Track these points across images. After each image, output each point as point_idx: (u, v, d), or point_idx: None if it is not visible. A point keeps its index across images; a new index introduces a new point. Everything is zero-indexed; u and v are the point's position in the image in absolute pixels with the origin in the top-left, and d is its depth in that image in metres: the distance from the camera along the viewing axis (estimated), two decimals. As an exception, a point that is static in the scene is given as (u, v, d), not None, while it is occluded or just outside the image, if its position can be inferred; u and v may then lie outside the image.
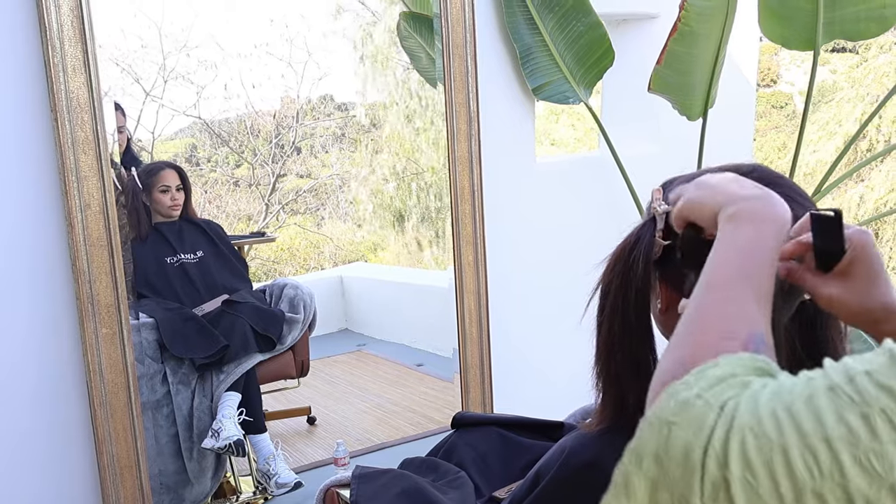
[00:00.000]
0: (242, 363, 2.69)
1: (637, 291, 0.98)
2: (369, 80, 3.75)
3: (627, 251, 1.00)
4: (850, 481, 0.53)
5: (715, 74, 2.43)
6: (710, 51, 2.37)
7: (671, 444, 0.59)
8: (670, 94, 2.48)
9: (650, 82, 2.43)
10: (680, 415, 0.60)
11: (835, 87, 13.03)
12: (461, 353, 2.65)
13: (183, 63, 3.33)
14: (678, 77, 2.41)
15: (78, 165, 1.95)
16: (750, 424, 0.57)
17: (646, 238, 0.99)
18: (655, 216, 0.99)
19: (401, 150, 3.82)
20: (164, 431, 2.53)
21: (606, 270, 1.03)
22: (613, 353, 1.02)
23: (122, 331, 2.06)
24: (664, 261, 0.99)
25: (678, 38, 2.31)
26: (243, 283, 3.01)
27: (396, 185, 4.00)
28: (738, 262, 0.75)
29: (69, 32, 1.89)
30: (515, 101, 2.72)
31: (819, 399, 0.57)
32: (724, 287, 0.74)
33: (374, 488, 1.47)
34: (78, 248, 1.98)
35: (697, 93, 2.47)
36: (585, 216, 2.86)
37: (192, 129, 3.88)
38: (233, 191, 4.31)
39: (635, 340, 1.01)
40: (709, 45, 2.36)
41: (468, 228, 2.58)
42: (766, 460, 0.55)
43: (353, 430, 3.28)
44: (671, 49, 2.34)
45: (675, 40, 2.32)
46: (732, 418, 0.58)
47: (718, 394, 0.61)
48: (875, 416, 0.54)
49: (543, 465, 1.15)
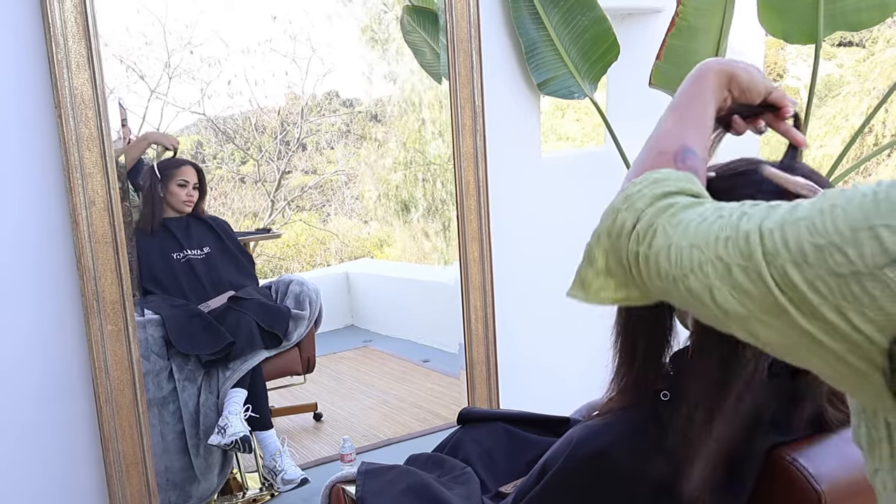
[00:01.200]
0: (248, 360, 2.69)
1: None
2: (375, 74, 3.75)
3: None
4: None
5: None
6: (710, 45, 2.36)
7: (616, 224, 0.82)
8: (672, 88, 2.47)
9: (651, 77, 2.43)
10: (625, 203, 0.82)
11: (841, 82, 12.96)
12: (467, 349, 2.65)
13: (187, 60, 3.33)
14: (679, 71, 2.40)
15: (82, 162, 1.94)
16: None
17: None
18: None
19: (408, 142, 3.82)
20: (171, 428, 2.53)
21: None
22: (631, 336, 1.03)
23: (127, 327, 2.06)
24: None
25: (676, 32, 2.31)
26: (249, 280, 3.01)
27: (403, 176, 4.00)
28: (683, 101, 0.99)
29: (73, 29, 1.89)
30: (520, 96, 2.71)
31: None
32: (667, 120, 0.97)
33: (379, 484, 1.46)
34: (83, 245, 1.97)
35: (700, 87, 2.46)
36: (592, 211, 2.83)
37: (197, 127, 3.88)
38: (238, 187, 4.31)
39: (654, 324, 1.02)
40: (708, 39, 2.35)
41: (473, 224, 2.58)
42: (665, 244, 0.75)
43: (360, 427, 3.27)
44: (670, 44, 2.33)
45: (673, 35, 2.32)
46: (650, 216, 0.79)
47: (653, 189, 0.82)
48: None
49: (550, 456, 1.15)
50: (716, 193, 0.98)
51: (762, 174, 0.99)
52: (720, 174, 1.02)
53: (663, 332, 1.04)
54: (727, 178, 1.01)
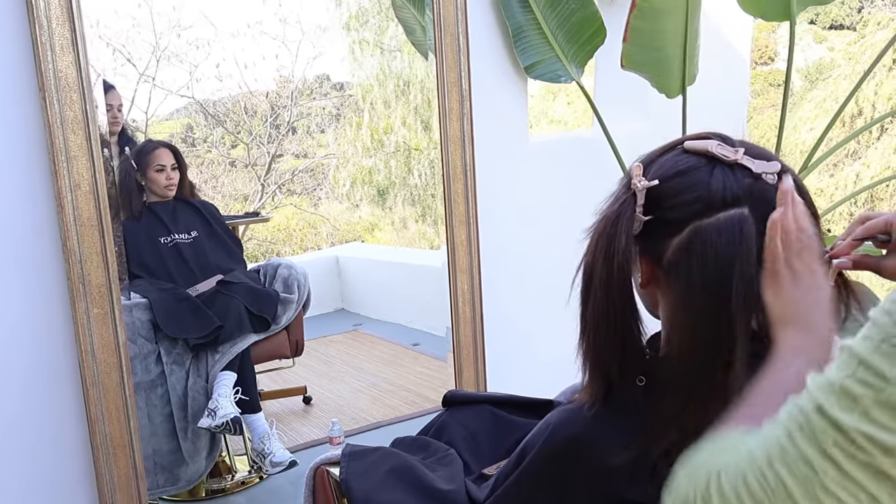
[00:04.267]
0: (237, 343, 2.70)
1: (619, 267, 1.00)
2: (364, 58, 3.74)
3: (609, 227, 1.01)
4: None
5: (688, 50, 2.42)
6: (678, 26, 2.36)
7: (679, 491, 0.80)
8: (645, 71, 2.47)
9: (621, 59, 2.42)
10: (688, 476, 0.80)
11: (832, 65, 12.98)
12: (454, 332, 2.66)
13: (175, 43, 3.31)
14: (649, 53, 2.40)
15: (67, 145, 1.94)
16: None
17: (626, 214, 1.01)
18: (636, 192, 1.01)
19: (389, 128, 3.81)
20: (159, 411, 2.54)
21: (588, 247, 1.05)
22: (598, 329, 1.04)
23: (113, 311, 2.06)
24: (644, 235, 1.01)
25: (638, 14, 2.31)
26: (237, 264, 3.01)
27: (385, 162, 3.99)
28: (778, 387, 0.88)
29: (56, 11, 1.88)
30: (508, 80, 2.71)
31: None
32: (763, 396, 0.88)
33: (363, 466, 1.47)
34: (68, 229, 1.97)
35: (673, 70, 2.46)
36: (579, 195, 2.83)
37: (188, 110, 3.87)
38: (229, 171, 4.30)
39: (620, 315, 1.02)
40: (674, 20, 2.34)
41: (461, 208, 2.58)
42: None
43: (349, 410, 3.29)
44: (634, 25, 2.33)
45: (636, 17, 2.32)
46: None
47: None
48: None
49: (529, 440, 1.16)
50: (665, 199, 1.00)
51: (685, 149, 1.02)
52: (663, 178, 1.02)
53: (630, 327, 1.04)
54: (671, 181, 1.01)
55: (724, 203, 0.96)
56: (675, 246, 0.98)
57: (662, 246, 1.00)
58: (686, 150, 1.03)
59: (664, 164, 1.03)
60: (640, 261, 1.04)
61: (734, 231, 0.95)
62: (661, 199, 1.00)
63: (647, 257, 1.03)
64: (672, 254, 0.99)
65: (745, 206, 0.96)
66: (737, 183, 0.98)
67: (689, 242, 0.97)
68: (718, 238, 0.95)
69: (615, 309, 1.02)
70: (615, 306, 1.02)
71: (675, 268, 0.99)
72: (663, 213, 1.00)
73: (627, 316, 1.03)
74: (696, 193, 0.98)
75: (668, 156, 1.04)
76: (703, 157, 1.01)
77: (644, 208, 1.01)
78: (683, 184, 1.00)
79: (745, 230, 0.95)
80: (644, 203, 1.01)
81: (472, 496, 1.41)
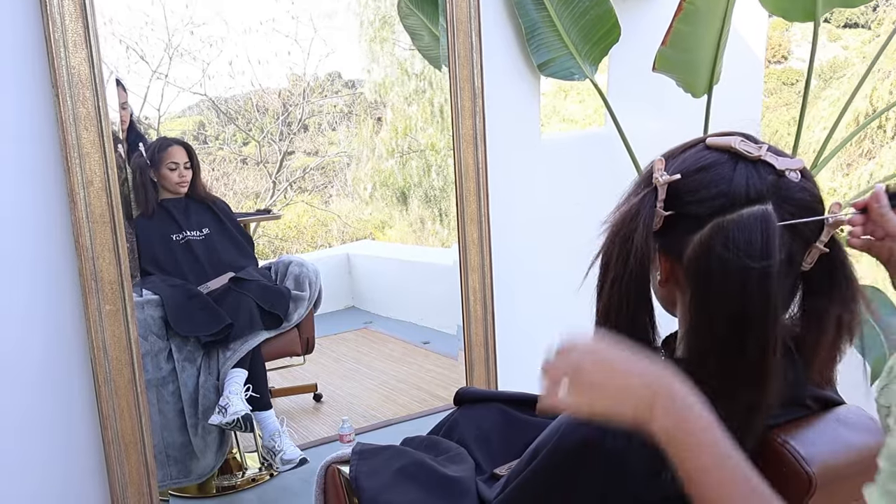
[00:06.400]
0: (249, 340, 2.70)
1: (637, 262, 0.99)
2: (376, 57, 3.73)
3: (628, 222, 1.00)
4: None
5: (719, 51, 2.40)
6: (715, 28, 2.34)
7: None
8: (675, 72, 2.46)
9: (655, 63, 2.41)
10: None
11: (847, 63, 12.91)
12: (466, 330, 2.65)
13: (188, 40, 3.31)
14: (683, 55, 2.38)
15: (80, 142, 1.94)
16: None
17: (646, 209, 0.99)
18: (657, 187, 1.00)
19: (404, 128, 3.80)
20: (170, 408, 2.54)
21: (607, 241, 1.04)
22: (613, 322, 1.03)
23: (125, 307, 2.06)
24: (664, 232, 1.00)
25: (683, 17, 2.29)
26: (249, 261, 3.01)
27: (399, 163, 3.99)
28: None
29: (69, 7, 1.88)
30: (521, 78, 2.70)
31: None
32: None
33: (373, 464, 1.47)
34: (81, 225, 1.97)
35: (702, 70, 2.45)
36: (591, 193, 2.83)
37: (199, 107, 3.87)
38: (240, 168, 4.30)
39: (634, 310, 1.01)
40: (713, 22, 2.33)
41: (473, 206, 2.57)
42: None
43: (359, 407, 3.28)
44: (677, 29, 2.31)
45: (680, 20, 2.29)
46: None
47: None
48: None
49: (541, 440, 1.15)
50: (687, 194, 0.99)
51: (707, 145, 1.02)
52: (686, 173, 1.01)
53: (645, 323, 1.04)
54: (693, 176, 1.00)
55: (748, 199, 0.95)
56: (696, 242, 0.97)
57: (683, 242, 0.99)
58: (709, 146, 1.02)
59: (686, 159, 1.02)
60: (658, 257, 1.03)
61: (757, 227, 0.94)
62: (682, 194, 0.99)
63: (666, 254, 1.02)
64: (692, 250, 0.97)
65: (768, 203, 0.95)
66: (760, 179, 0.96)
67: (710, 238, 0.96)
68: (741, 234, 0.93)
69: (630, 305, 1.01)
70: (631, 302, 1.01)
71: (694, 264, 0.97)
72: (684, 208, 0.99)
73: (642, 314, 1.02)
74: (718, 189, 0.97)
75: (690, 151, 1.03)
76: (725, 153, 1.00)
77: (664, 203, 1.00)
78: (706, 179, 0.99)
79: (768, 226, 0.94)
80: (664, 198, 1.00)
81: (482, 496, 1.41)
